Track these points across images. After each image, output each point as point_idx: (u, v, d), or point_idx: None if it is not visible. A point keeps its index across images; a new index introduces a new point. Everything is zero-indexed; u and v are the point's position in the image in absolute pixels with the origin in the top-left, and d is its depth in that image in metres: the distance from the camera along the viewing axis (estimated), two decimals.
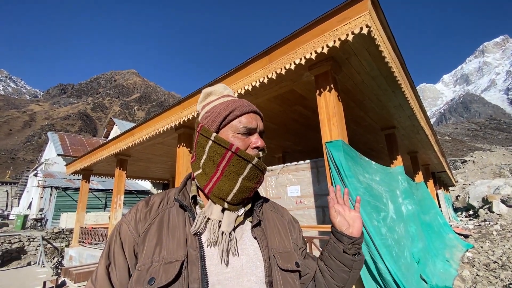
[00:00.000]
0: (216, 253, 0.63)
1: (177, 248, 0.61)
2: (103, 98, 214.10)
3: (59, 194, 16.64)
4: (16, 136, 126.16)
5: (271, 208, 0.82)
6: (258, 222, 0.72)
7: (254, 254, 0.66)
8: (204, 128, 0.69)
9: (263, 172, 0.69)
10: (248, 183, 0.67)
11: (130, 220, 0.68)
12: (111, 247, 0.66)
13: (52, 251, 11.48)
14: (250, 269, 0.63)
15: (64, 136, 23.54)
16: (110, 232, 0.66)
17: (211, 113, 0.71)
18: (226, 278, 0.60)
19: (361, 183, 2.86)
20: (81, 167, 8.49)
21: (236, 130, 0.68)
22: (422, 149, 7.92)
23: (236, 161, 0.65)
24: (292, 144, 7.23)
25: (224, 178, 0.66)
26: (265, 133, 0.75)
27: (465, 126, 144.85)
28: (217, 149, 0.66)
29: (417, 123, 5.32)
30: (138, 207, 0.70)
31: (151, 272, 0.58)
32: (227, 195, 0.66)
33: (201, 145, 0.69)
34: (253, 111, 0.71)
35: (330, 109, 2.95)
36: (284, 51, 3.03)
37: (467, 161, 31.29)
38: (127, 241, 0.65)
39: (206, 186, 0.67)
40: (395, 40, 3.26)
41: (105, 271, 0.64)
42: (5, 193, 31.39)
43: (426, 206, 6.16)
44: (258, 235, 0.69)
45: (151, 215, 0.68)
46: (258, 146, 0.68)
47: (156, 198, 0.72)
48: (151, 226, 0.65)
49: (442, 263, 4.61)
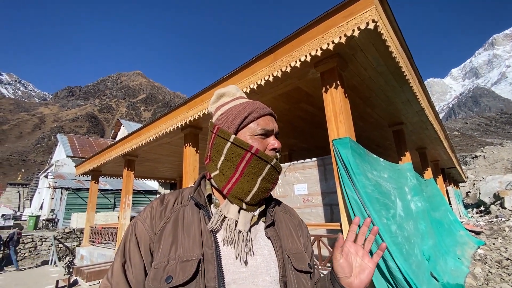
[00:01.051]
0: (231, 252, 0.63)
1: (193, 246, 0.62)
2: (110, 100, 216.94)
3: (69, 195, 16.96)
4: (27, 138, 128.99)
5: (283, 209, 0.82)
6: (272, 223, 0.72)
7: (268, 254, 0.66)
8: (222, 130, 0.69)
9: (279, 173, 0.71)
10: (266, 184, 0.68)
11: (145, 218, 0.68)
12: (127, 244, 0.66)
13: (63, 251, 11.73)
14: (264, 269, 0.64)
15: (73, 137, 23.96)
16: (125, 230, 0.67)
17: (228, 115, 0.71)
18: (242, 278, 0.61)
19: (370, 180, 2.82)
20: (90, 168, 8.63)
21: (254, 132, 0.69)
22: (431, 145, 7.80)
23: (255, 162, 0.66)
24: (298, 142, 7.19)
25: (243, 179, 0.66)
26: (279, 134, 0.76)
27: (475, 121, 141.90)
28: (236, 150, 0.67)
29: (425, 118, 5.23)
30: (153, 205, 0.70)
31: (168, 270, 0.59)
32: (246, 196, 0.66)
33: (219, 146, 0.70)
34: (269, 113, 0.73)
35: (337, 106, 2.92)
36: (289, 49, 3.01)
37: (478, 156, 30.66)
38: (143, 239, 0.65)
39: (225, 187, 0.68)
40: (402, 34, 3.21)
41: (121, 268, 0.65)
42: (17, 194, 32.16)
43: (435, 203, 6.07)
44: (272, 235, 0.69)
45: (166, 213, 0.68)
46: (276, 148, 0.70)
47: (170, 197, 0.73)
48: (166, 224, 0.66)
49: (453, 261, 4.53)
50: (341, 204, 2.74)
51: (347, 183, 2.59)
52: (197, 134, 5.23)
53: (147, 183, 21.14)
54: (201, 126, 5.14)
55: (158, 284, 0.57)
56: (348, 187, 2.58)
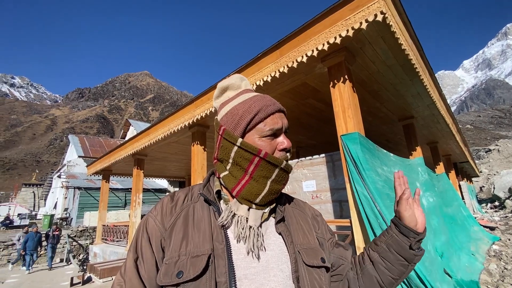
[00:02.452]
0: (243, 247, 0.63)
1: (203, 241, 0.62)
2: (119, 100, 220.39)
3: (81, 194, 17.38)
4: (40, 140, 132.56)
5: (293, 204, 0.81)
6: (282, 218, 0.71)
7: (279, 250, 0.66)
8: (228, 133, 0.67)
9: (289, 173, 0.69)
10: (276, 185, 0.67)
11: (156, 215, 0.69)
12: (139, 241, 0.67)
13: (77, 249, 12.04)
14: (276, 264, 0.63)
15: (84, 138, 24.47)
16: (137, 226, 0.72)
17: (233, 114, 0.68)
18: (253, 273, 0.60)
19: (380, 176, 2.78)
20: (101, 168, 8.79)
21: (262, 134, 0.66)
22: (442, 139, 7.61)
23: (264, 166, 0.65)
24: (305, 139, 7.14)
25: (252, 182, 0.66)
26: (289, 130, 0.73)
27: (489, 114, 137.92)
28: (243, 154, 0.65)
29: (437, 112, 5.10)
30: (163, 202, 0.71)
31: (179, 265, 0.59)
32: (256, 198, 0.66)
33: (226, 149, 0.68)
34: (278, 110, 0.69)
35: (345, 101, 2.87)
36: (295, 44, 2.97)
37: (492, 150, 29.81)
38: (154, 235, 0.66)
39: (234, 189, 0.67)
40: (411, 25, 3.12)
41: (133, 264, 0.66)
42: (32, 194, 33.17)
43: (448, 198, 5.93)
44: (283, 231, 0.69)
45: (177, 209, 0.69)
46: (285, 148, 0.67)
47: (180, 194, 0.73)
48: (177, 220, 0.66)
49: (467, 257, 4.43)
50: (351, 200, 2.70)
51: (357, 179, 2.55)
52: (205, 132, 5.24)
53: (156, 182, 21.45)
54: (208, 125, 5.16)
55: (169, 279, 0.58)
56: (358, 183, 2.54)
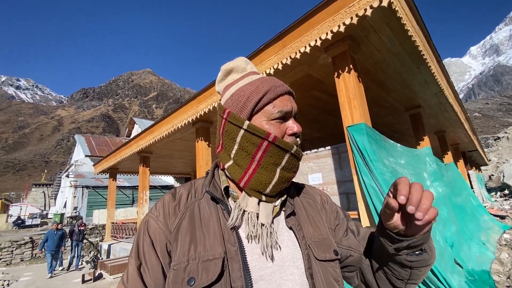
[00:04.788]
0: (256, 247, 0.58)
1: (214, 244, 0.57)
2: (123, 99, 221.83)
3: (90, 193, 17.66)
4: (47, 140, 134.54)
5: (302, 194, 0.76)
6: (292, 212, 0.66)
7: (293, 245, 0.62)
8: (233, 115, 0.61)
9: (300, 159, 0.64)
10: (287, 173, 0.62)
11: (158, 216, 0.63)
12: (140, 245, 0.61)
13: (88, 246, 12.27)
14: (291, 262, 0.59)
15: (90, 137, 24.76)
16: (137, 229, 0.68)
17: (238, 96, 0.62)
18: (269, 273, 0.56)
19: (387, 167, 2.72)
20: (108, 166, 8.88)
21: (271, 116, 0.60)
22: (450, 128, 7.47)
23: (274, 151, 0.59)
24: (310, 131, 7.08)
25: (261, 170, 0.60)
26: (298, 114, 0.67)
27: (497, 101, 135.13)
28: (251, 138, 0.60)
29: (444, 100, 4.98)
30: (164, 201, 0.65)
31: (189, 271, 0.54)
32: (266, 188, 0.60)
33: (231, 134, 0.62)
34: (287, 92, 0.64)
35: (350, 91, 2.81)
36: (298, 34, 2.90)
37: (501, 138, 29.26)
38: (158, 238, 0.61)
39: (241, 179, 0.62)
40: (418, 10, 3.01)
41: (136, 271, 0.60)
42: (42, 194, 33.87)
43: (457, 188, 5.84)
44: (294, 225, 0.64)
45: (181, 209, 0.63)
46: (296, 132, 0.62)
47: (182, 190, 0.67)
48: (182, 221, 0.61)
49: (478, 247, 4.37)
50: (358, 192, 2.66)
51: (364, 171, 2.50)
52: (208, 128, 5.22)
53: (162, 179, 21.65)
54: (211, 120, 5.13)
55: (180, 287, 0.53)
56: (365, 174, 2.49)
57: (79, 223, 9.35)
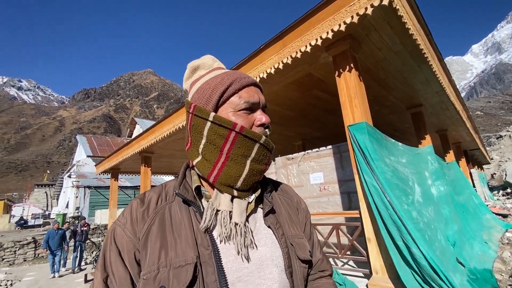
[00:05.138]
0: (232, 248, 0.56)
1: (186, 248, 0.54)
2: (124, 99, 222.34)
3: (92, 193, 17.72)
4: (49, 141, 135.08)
5: (280, 191, 0.75)
6: (271, 209, 0.65)
7: (271, 243, 0.60)
8: (199, 108, 0.60)
9: (271, 152, 0.62)
10: (257, 165, 0.60)
11: (125, 223, 0.59)
12: (107, 256, 0.58)
13: (90, 246, 12.31)
14: (270, 260, 0.58)
15: (92, 138, 24.83)
16: (104, 239, 0.71)
17: (204, 89, 0.62)
18: (247, 274, 0.55)
19: (388, 166, 2.72)
20: (109, 166, 8.90)
21: (237, 107, 0.59)
22: (452, 127, 7.44)
23: (242, 142, 0.58)
24: (312, 131, 7.07)
25: (230, 163, 0.58)
26: (267, 107, 0.66)
27: (499, 99, 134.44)
28: (218, 130, 0.58)
29: (446, 98, 4.96)
30: (132, 206, 0.61)
31: (159, 279, 0.51)
32: (236, 181, 0.59)
33: (198, 128, 0.61)
34: (253, 83, 0.63)
35: (351, 90, 2.80)
36: (299, 33, 2.89)
37: (503, 136, 29.12)
38: (126, 247, 0.57)
39: (210, 174, 0.60)
40: (419, 8, 3.00)
41: (103, 285, 0.56)
42: (44, 194, 34.03)
43: (459, 187, 5.83)
44: (272, 223, 0.63)
45: (150, 214, 0.59)
46: (264, 123, 0.61)
47: (152, 194, 0.64)
48: (151, 227, 0.57)
49: (480, 245, 4.36)
50: (360, 192, 2.66)
51: (365, 170, 2.50)
52: None
53: (164, 179, 21.69)
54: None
55: None
56: (367, 173, 2.49)
57: (82, 223, 9.22)
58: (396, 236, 2.30)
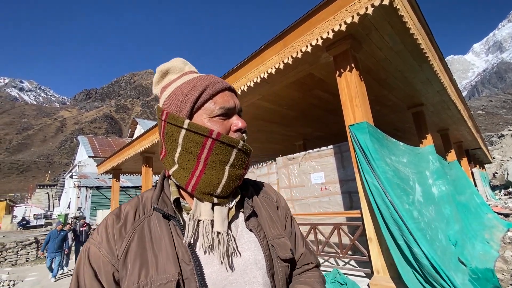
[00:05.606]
0: (215, 257, 0.55)
1: (167, 265, 0.52)
2: (125, 100, 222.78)
3: (93, 193, 17.77)
4: (51, 142, 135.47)
5: (260, 192, 0.75)
6: (252, 213, 0.64)
7: (254, 247, 0.60)
8: (172, 116, 0.58)
9: (249, 156, 0.62)
10: (236, 171, 0.59)
11: (100, 242, 0.55)
12: (81, 279, 0.54)
13: None
14: (254, 264, 0.58)
15: (93, 138, 24.89)
16: (77, 259, 0.58)
17: (176, 95, 0.59)
18: (232, 281, 0.55)
19: (389, 166, 2.72)
20: (111, 167, 8.93)
21: (212, 113, 0.58)
22: (453, 126, 7.42)
23: (219, 149, 0.57)
24: (312, 131, 7.07)
25: (208, 170, 0.57)
26: (242, 111, 0.66)
27: (501, 98, 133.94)
28: (193, 138, 0.56)
29: (447, 98, 4.96)
30: (107, 223, 0.58)
31: None
32: (216, 189, 0.57)
33: (172, 136, 0.58)
34: (227, 88, 0.62)
35: (352, 90, 2.81)
36: (299, 33, 2.90)
37: (505, 135, 29.02)
38: (103, 268, 0.54)
39: (188, 184, 0.58)
40: (419, 8, 3.00)
41: None
42: (46, 195, 34.13)
43: (461, 186, 5.82)
44: (253, 226, 0.62)
45: (128, 230, 0.56)
46: (240, 128, 0.60)
47: (128, 208, 0.60)
48: (130, 244, 0.54)
49: (482, 245, 4.35)
50: (361, 191, 2.66)
51: (366, 169, 2.50)
52: None
53: None
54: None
55: None
56: (368, 173, 2.49)
57: (81, 223, 8.88)
58: (398, 236, 2.30)
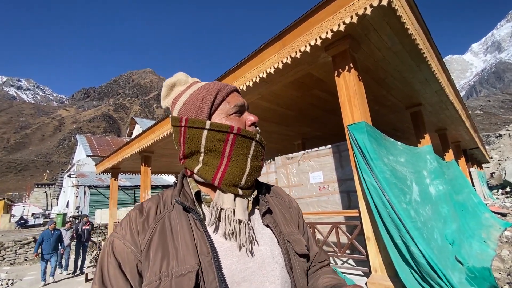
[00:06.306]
0: (234, 248, 0.58)
1: (187, 257, 0.54)
2: (123, 99, 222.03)
3: (92, 193, 17.73)
4: (49, 141, 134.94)
5: (272, 193, 0.79)
6: (268, 209, 0.69)
7: (271, 242, 0.64)
8: (192, 120, 0.63)
9: (264, 148, 0.68)
10: (256, 162, 0.65)
11: (124, 235, 0.59)
12: (105, 270, 0.57)
13: (91, 245, 12.33)
14: (271, 258, 0.61)
15: (91, 137, 24.81)
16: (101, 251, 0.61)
17: (192, 102, 0.65)
18: (250, 273, 0.57)
19: (387, 165, 2.74)
20: (109, 166, 8.92)
21: (228, 112, 0.65)
22: (451, 126, 7.46)
23: (241, 142, 0.62)
24: (311, 130, 7.09)
25: (232, 163, 0.62)
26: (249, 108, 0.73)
27: (499, 98, 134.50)
28: (216, 136, 0.61)
29: (445, 98, 4.98)
30: (131, 217, 0.61)
31: None
32: (240, 179, 0.62)
33: (194, 139, 0.63)
34: (235, 89, 0.69)
35: (351, 90, 2.82)
36: (298, 33, 2.91)
37: (502, 135, 29.16)
38: (127, 259, 0.57)
39: (215, 178, 0.61)
40: (418, 9, 3.02)
41: None
42: (44, 194, 34.00)
43: (458, 186, 5.85)
44: (270, 222, 0.67)
45: (150, 224, 0.60)
46: (254, 122, 0.67)
47: (150, 204, 0.65)
48: (152, 237, 0.58)
49: (479, 244, 4.39)
50: (359, 191, 2.68)
51: (365, 169, 2.52)
52: None
53: (164, 178, 21.71)
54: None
55: None
56: (366, 172, 2.51)
57: (84, 221, 8.58)
58: (395, 235, 2.32)
